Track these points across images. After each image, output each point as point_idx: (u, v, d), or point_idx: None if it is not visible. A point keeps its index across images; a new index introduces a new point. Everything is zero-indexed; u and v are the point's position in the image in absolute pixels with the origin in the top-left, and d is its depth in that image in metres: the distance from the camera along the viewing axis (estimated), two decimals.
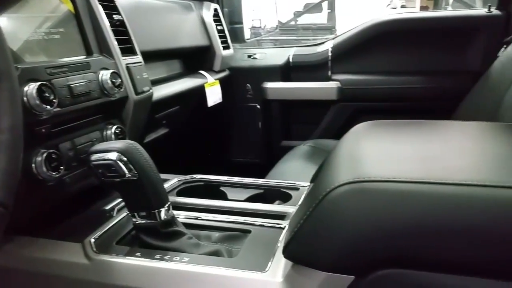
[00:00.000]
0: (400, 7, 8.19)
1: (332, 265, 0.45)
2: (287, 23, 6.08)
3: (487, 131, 0.64)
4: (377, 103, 1.41)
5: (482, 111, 1.12)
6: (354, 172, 0.46)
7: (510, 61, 1.10)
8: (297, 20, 6.36)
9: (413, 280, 0.42)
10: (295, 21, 6.38)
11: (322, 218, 0.45)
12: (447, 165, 0.47)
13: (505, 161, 0.49)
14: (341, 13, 6.43)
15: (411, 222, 0.41)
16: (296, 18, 6.39)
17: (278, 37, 4.85)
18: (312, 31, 6.17)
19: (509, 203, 0.40)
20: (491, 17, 1.33)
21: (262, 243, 0.58)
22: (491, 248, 0.40)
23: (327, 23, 6.26)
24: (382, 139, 0.60)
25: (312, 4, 6.15)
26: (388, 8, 8.29)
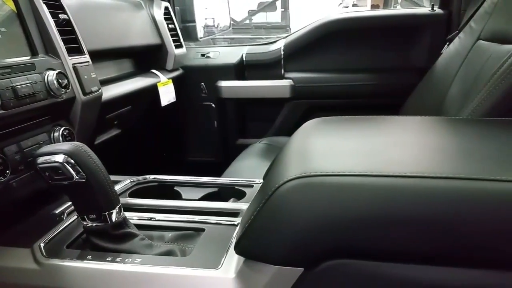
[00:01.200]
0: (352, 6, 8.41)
1: (281, 259, 0.46)
2: (241, 21, 6.10)
3: (429, 125, 0.67)
4: (329, 100, 1.45)
5: (428, 105, 1.18)
6: (301, 168, 0.48)
7: (453, 57, 1.16)
8: (252, 19, 6.40)
9: (359, 269, 0.45)
10: (249, 20, 6.41)
11: (271, 213, 0.46)
12: (388, 158, 0.50)
13: (444, 153, 0.52)
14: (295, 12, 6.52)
15: (354, 214, 0.43)
16: (251, 16, 6.42)
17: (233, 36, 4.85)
18: (266, 29, 6.23)
19: (446, 193, 0.43)
20: (434, 16, 1.39)
21: (216, 240, 0.59)
22: (430, 236, 0.43)
23: (282, 22, 6.33)
24: (329, 135, 0.62)
25: (266, 3, 6.20)
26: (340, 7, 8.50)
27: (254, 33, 6.03)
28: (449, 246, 0.42)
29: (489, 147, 0.53)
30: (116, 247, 0.56)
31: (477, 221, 0.41)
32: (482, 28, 1.07)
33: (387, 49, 1.44)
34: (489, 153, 0.51)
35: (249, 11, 6.69)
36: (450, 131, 0.62)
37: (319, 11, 7.34)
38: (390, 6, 5.98)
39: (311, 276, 0.46)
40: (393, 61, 1.43)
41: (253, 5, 6.51)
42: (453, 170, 0.44)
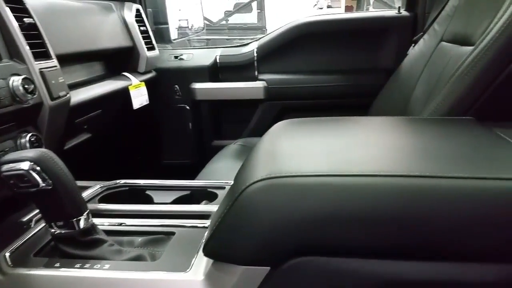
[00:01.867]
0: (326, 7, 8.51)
1: (248, 259, 0.47)
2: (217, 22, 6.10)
3: (391, 125, 0.70)
4: (302, 101, 1.47)
5: (395, 105, 1.21)
6: (267, 169, 0.49)
7: (418, 58, 1.20)
8: (228, 20, 6.40)
9: (322, 265, 0.46)
10: (226, 21, 6.41)
11: (238, 214, 0.47)
12: (350, 158, 0.51)
13: (402, 153, 0.55)
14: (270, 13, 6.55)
15: (317, 213, 0.45)
16: (227, 17, 6.42)
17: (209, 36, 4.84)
18: (243, 30, 6.24)
19: (401, 190, 0.45)
20: (400, 18, 1.43)
21: (186, 244, 0.59)
22: (387, 232, 0.44)
23: (258, 23, 6.35)
24: (297, 137, 0.64)
25: (242, 4, 6.22)
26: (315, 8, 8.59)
27: (230, 34, 6.04)
28: (405, 241, 0.44)
29: (445, 146, 0.56)
30: (85, 254, 0.56)
31: (430, 217, 0.43)
32: (444, 30, 1.11)
33: (357, 50, 1.47)
34: (444, 151, 0.53)
35: (225, 12, 6.69)
36: (411, 131, 0.65)
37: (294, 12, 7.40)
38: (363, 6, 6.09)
39: (278, 274, 0.47)
40: (362, 62, 1.46)
41: (230, 6, 6.52)
42: (408, 169, 0.46)
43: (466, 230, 0.43)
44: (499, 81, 0.75)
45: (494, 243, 0.43)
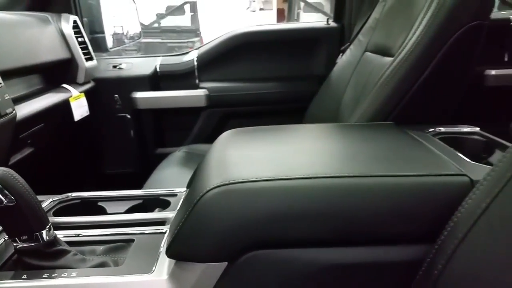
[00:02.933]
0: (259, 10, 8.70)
1: (208, 257, 0.53)
2: (150, 25, 6.02)
3: (323, 132, 0.79)
4: (243, 108, 1.55)
5: (327, 110, 1.32)
6: (220, 177, 0.55)
7: (345, 67, 1.32)
8: (160, 23, 6.34)
9: (273, 257, 0.54)
10: (158, 23, 6.35)
11: (198, 218, 0.53)
12: (291, 163, 0.60)
13: (333, 157, 0.64)
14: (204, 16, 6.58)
15: (266, 212, 0.52)
16: (159, 20, 6.36)
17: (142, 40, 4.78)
18: (176, 33, 6.22)
19: (335, 189, 0.54)
20: (329, 29, 1.56)
21: (146, 249, 0.64)
22: (325, 224, 0.53)
23: (191, 26, 6.36)
24: (244, 145, 0.71)
25: (174, 7, 6.20)
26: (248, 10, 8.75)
27: (163, 37, 5.99)
28: (338, 230, 0.53)
29: (369, 149, 0.66)
30: (51, 265, 0.59)
31: (358, 210, 0.52)
32: (368, 41, 1.24)
33: (291, 59, 1.58)
34: (368, 153, 0.63)
35: (158, 15, 6.62)
36: (340, 137, 0.75)
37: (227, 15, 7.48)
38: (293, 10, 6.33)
39: (234, 268, 0.54)
40: (296, 70, 1.57)
41: (162, 8, 6.46)
42: (339, 170, 0.55)
43: (387, 219, 0.53)
44: (414, 90, 0.88)
45: (409, 229, 0.53)
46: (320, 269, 0.54)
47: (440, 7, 0.85)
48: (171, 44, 5.66)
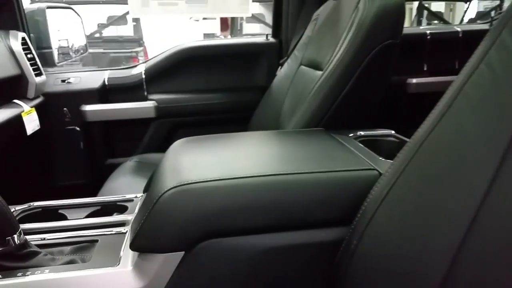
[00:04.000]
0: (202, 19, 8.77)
1: (167, 247, 0.63)
2: (91, 35, 5.91)
3: (264, 139, 0.91)
4: (191, 118, 1.64)
5: (269, 118, 1.45)
6: (175, 180, 0.65)
7: (284, 79, 1.45)
8: (102, 33, 6.25)
9: (223, 244, 0.64)
10: (100, 34, 6.25)
11: (157, 215, 0.63)
12: (235, 165, 0.71)
13: (271, 159, 0.76)
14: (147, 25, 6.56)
15: (215, 206, 0.63)
16: (101, 30, 6.27)
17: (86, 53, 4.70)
18: (119, 43, 6.15)
19: (272, 184, 0.65)
20: (269, 44, 1.70)
21: (110, 246, 0.72)
22: (265, 214, 0.64)
23: (134, 35, 6.32)
24: (194, 152, 0.81)
25: (116, 17, 6.13)
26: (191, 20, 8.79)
27: (106, 47, 5.91)
28: (275, 219, 0.64)
29: (301, 151, 0.79)
30: (24, 265, 0.65)
31: (290, 201, 0.65)
32: (302, 56, 1.38)
33: (235, 71, 1.69)
34: (300, 155, 0.76)
35: (99, 25, 6.51)
36: (277, 142, 0.87)
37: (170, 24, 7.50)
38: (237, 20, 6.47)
39: (190, 256, 0.64)
40: (240, 81, 1.69)
41: (103, 18, 6.37)
42: (275, 170, 0.67)
43: (313, 207, 0.65)
44: (340, 99, 1.02)
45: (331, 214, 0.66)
46: (262, 251, 0.65)
47: (359, 29, 1.01)
48: (114, 54, 5.60)
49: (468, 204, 0.49)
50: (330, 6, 1.30)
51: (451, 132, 0.54)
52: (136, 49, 5.87)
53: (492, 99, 0.51)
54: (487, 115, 0.51)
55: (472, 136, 0.51)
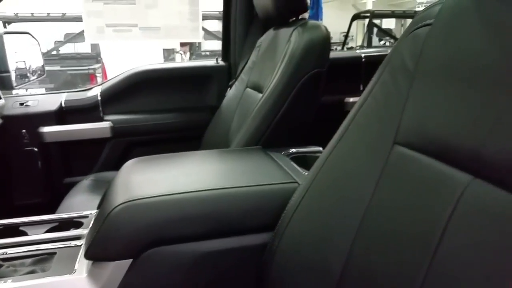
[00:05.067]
0: None
1: (117, 256, 0.73)
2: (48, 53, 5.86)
3: (209, 157, 1.03)
4: (146, 137, 1.73)
5: (219, 136, 1.57)
6: (125, 196, 0.76)
7: (232, 99, 1.58)
8: (59, 50, 6.20)
9: (167, 251, 0.75)
10: (57, 51, 6.20)
11: (108, 227, 0.73)
12: (180, 182, 0.82)
13: (213, 175, 0.88)
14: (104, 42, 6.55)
15: (161, 218, 0.74)
16: (58, 47, 6.22)
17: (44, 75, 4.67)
18: (76, 60, 6.13)
19: (211, 197, 0.77)
20: (219, 67, 1.82)
21: (67, 258, 0.81)
22: (205, 223, 0.76)
23: (92, 52, 6.31)
24: (143, 171, 0.91)
25: (73, 34, 6.11)
26: None
27: (63, 65, 5.87)
28: (213, 227, 0.76)
29: (239, 168, 0.91)
30: None
31: (225, 212, 0.76)
32: (248, 79, 1.52)
33: (188, 92, 1.80)
34: (237, 171, 0.88)
35: (56, 42, 6.46)
36: (219, 160, 0.99)
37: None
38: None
39: (138, 263, 0.74)
40: (193, 101, 1.80)
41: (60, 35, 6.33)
42: (214, 184, 0.79)
43: (244, 216, 0.78)
44: (276, 120, 1.16)
45: (260, 222, 0.78)
46: (200, 256, 0.76)
47: (290, 59, 1.15)
48: (72, 72, 5.58)
49: (359, 207, 0.62)
50: (271, 35, 1.44)
51: (345, 152, 0.68)
52: (94, 66, 5.87)
53: (374, 125, 0.65)
54: (370, 137, 0.65)
55: (359, 154, 0.65)
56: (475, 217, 0.46)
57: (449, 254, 0.47)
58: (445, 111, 0.53)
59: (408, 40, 0.64)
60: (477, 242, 0.45)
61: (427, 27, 0.61)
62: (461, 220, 0.47)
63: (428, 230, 0.50)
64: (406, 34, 0.65)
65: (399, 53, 0.65)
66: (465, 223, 0.47)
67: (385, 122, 0.63)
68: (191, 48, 6.97)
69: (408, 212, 0.54)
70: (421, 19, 0.63)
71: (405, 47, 0.64)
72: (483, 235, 0.44)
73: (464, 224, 0.47)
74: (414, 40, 0.63)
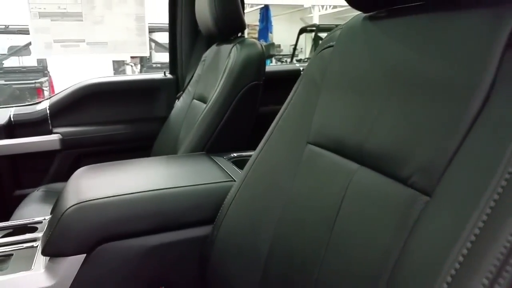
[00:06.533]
0: None
1: (72, 251, 0.81)
2: None
3: (157, 163, 1.12)
4: (96, 148, 1.79)
5: (168, 145, 1.66)
6: (76, 198, 0.84)
7: (180, 110, 1.68)
8: (3, 63, 6.01)
9: (117, 246, 0.83)
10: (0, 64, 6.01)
11: (63, 226, 0.81)
12: (127, 184, 0.91)
13: (158, 178, 0.98)
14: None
15: (108, 217, 0.83)
16: (2, 61, 6.03)
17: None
18: (22, 74, 5.96)
19: (155, 198, 0.87)
20: (167, 79, 1.92)
21: (24, 257, 0.87)
22: (151, 220, 0.85)
23: (38, 65, 6.16)
24: (93, 176, 1.00)
25: (18, 47, 5.95)
26: None
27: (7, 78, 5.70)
28: (159, 223, 0.86)
29: (182, 171, 1.01)
30: None
31: (168, 209, 0.87)
32: (194, 91, 1.63)
33: (138, 103, 1.88)
34: (181, 174, 0.98)
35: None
36: (165, 165, 1.09)
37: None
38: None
39: (91, 257, 0.82)
40: (142, 113, 1.88)
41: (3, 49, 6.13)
42: (158, 185, 0.89)
43: (187, 212, 0.88)
44: (219, 128, 1.28)
45: (201, 217, 0.89)
46: (148, 249, 0.86)
47: (230, 73, 1.28)
48: (17, 86, 5.43)
49: (281, 197, 0.74)
50: (214, 50, 1.56)
51: (270, 151, 0.80)
52: (41, 80, 5.74)
53: (292, 128, 0.79)
54: (289, 139, 0.78)
55: (281, 153, 0.78)
56: (360, 196, 0.59)
57: (341, 228, 0.60)
58: (340, 116, 0.67)
59: (317, 59, 0.78)
60: (361, 215, 0.58)
61: (330, 48, 0.75)
62: (350, 199, 0.61)
63: (329, 212, 0.63)
64: (316, 53, 0.79)
65: (310, 70, 0.79)
66: (353, 202, 0.60)
67: (300, 126, 0.77)
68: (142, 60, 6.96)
69: (316, 199, 0.67)
70: (326, 41, 0.78)
71: (315, 65, 0.78)
72: (365, 209, 0.58)
73: (352, 203, 0.60)
74: (321, 59, 0.77)
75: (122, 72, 6.84)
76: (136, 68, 6.90)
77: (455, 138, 0.47)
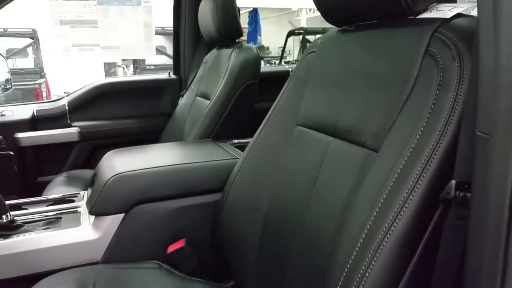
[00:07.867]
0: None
1: (113, 211, 1.04)
2: None
3: (171, 146, 1.36)
4: (109, 140, 2.01)
5: (174, 138, 1.87)
6: (114, 171, 1.07)
7: (184, 107, 1.91)
8: None
9: (149, 207, 1.06)
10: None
11: (107, 192, 1.04)
12: (153, 161, 1.14)
13: (174, 157, 1.21)
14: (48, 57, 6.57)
15: (141, 185, 1.06)
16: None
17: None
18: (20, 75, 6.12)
19: (171, 171, 1.10)
20: (171, 79, 2.15)
21: (72, 219, 1.10)
22: (172, 186, 1.09)
23: (36, 68, 6.33)
24: (121, 157, 1.22)
25: (15, 50, 6.12)
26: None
27: None
28: (180, 190, 1.09)
29: (191, 153, 1.25)
30: (15, 233, 1.01)
31: (186, 178, 1.10)
32: (197, 89, 1.86)
33: (146, 101, 2.11)
34: (193, 154, 1.22)
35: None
36: (178, 148, 1.33)
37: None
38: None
39: (128, 216, 1.05)
40: (150, 109, 2.11)
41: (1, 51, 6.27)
42: (178, 162, 1.12)
43: (200, 180, 1.12)
44: (222, 119, 1.51)
45: (213, 185, 1.13)
46: (173, 211, 1.09)
47: (231, 73, 1.52)
48: (17, 87, 5.59)
49: (277, 168, 0.98)
50: (214, 53, 1.80)
51: (267, 133, 1.04)
52: (39, 81, 5.91)
53: (285, 115, 1.02)
54: (282, 123, 1.02)
55: (276, 134, 1.02)
56: (334, 159, 0.83)
57: (321, 182, 0.84)
58: (320, 103, 0.91)
59: (303, 62, 1.02)
60: (334, 172, 0.82)
61: (313, 53, 0.99)
62: (327, 162, 0.85)
63: (313, 173, 0.87)
64: (303, 57, 1.03)
65: (298, 70, 1.03)
66: (329, 163, 0.84)
67: (291, 113, 1.01)
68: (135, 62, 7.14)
69: (303, 165, 0.91)
70: (310, 48, 1.02)
71: (302, 67, 1.02)
72: (338, 171, 0.82)
73: (328, 164, 0.84)
74: (306, 62, 1.01)
75: (113, 74, 7.02)
76: (128, 70, 7.08)
77: (393, 114, 0.71)
